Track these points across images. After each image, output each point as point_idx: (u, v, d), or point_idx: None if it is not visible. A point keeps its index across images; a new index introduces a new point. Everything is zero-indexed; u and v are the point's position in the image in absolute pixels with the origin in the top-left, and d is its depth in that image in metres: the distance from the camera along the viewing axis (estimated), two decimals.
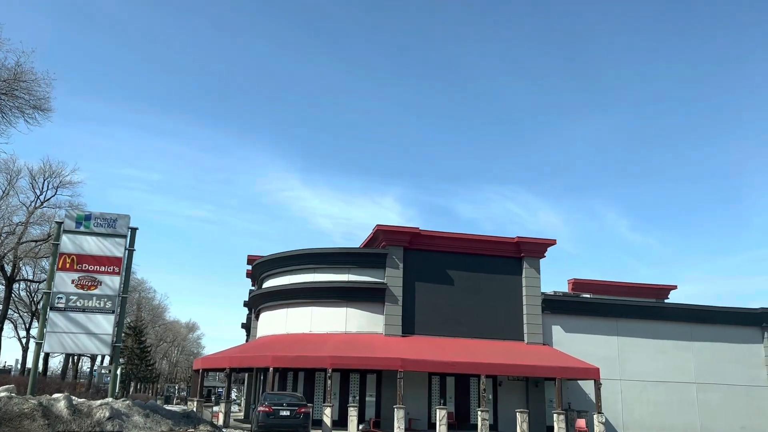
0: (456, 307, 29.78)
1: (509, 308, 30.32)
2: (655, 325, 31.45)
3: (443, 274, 30.16)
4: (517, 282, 30.72)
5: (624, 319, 31.20)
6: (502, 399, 29.14)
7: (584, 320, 30.82)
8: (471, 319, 29.77)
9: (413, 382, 27.81)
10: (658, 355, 31.17)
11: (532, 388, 29.41)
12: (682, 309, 31.71)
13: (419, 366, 25.99)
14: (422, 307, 29.49)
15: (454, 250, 30.29)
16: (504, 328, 30.01)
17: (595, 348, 30.37)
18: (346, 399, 27.92)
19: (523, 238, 30.33)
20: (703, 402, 31.03)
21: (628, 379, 30.51)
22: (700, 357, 31.57)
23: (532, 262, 30.78)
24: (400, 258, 29.58)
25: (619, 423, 29.46)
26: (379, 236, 29.91)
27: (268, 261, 32.10)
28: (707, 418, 30.79)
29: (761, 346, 32.32)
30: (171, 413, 20.76)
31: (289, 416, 20.94)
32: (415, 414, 27.75)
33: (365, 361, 25.83)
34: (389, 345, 27.57)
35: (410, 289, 29.55)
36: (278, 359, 25.98)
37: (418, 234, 29.73)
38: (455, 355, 26.94)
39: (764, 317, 32.11)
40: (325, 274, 29.91)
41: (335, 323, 29.18)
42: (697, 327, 31.83)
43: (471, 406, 28.97)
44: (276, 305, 31.20)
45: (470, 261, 30.48)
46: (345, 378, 28.44)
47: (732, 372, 31.66)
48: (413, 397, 27.83)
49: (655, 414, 30.32)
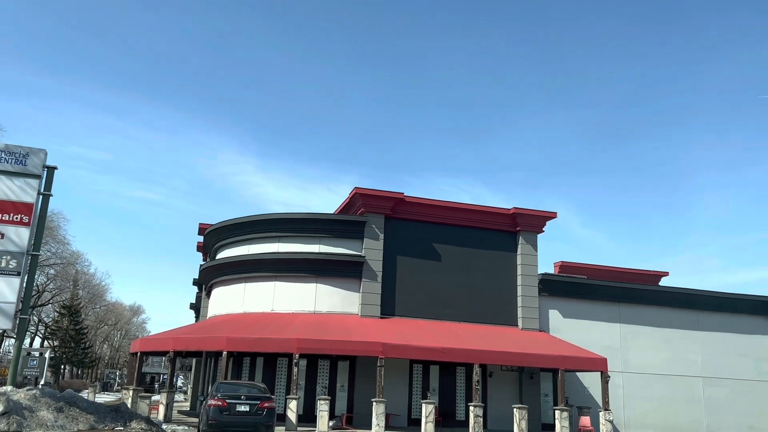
0: (442, 286, 25.86)
1: (502, 289, 26.57)
2: (660, 312, 28.27)
3: (429, 247, 26.16)
4: (512, 259, 26.98)
5: (627, 304, 27.89)
6: (493, 392, 25.41)
7: (584, 304, 27.37)
8: (459, 300, 25.90)
9: (392, 371, 23.80)
10: (663, 345, 28.01)
11: (527, 380, 25.81)
12: (689, 294, 28.61)
13: (402, 352, 21.98)
14: (404, 285, 25.44)
15: (441, 221, 26.32)
16: (496, 311, 26.26)
17: (596, 336, 26.96)
18: (314, 390, 23.72)
19: (521, 210, 26.59)
20: (709, 398, 28.06)
21: (631, 372, 27.24)
22: (706, 348, 28.57)
23: (529, 238, 27.08)
24: (380, 227, 25.42)
25: (620, 420, 26.17)
26: (357, 201, 25.67)
27: (223, 228, 27.44)
28: (713, 416, 27.85)
29: None
30: (94, 406, 16.17)
31: (248, 412, 16.59)
32: (394, 408, 23.77)
33: (339, 345, 21.64)
34: (366, 328, 23.45)
35: (391, 263, 25.45)
36: (234, 342, 21.53)
37: (402, 200, 25.62)
38: (442, 340, 23.03)
39: None
40: (292, 244, 25.50)
41: (303, 301, 24.86)
42: (703, 315, 28.80)
43: (457, 400, 25.16)
44: (232, 279, 26.63)
45: (460, 234, 26.57)
46: (313, 365, 24.20)
47: (740, 365, 28.79)
48: (392, 388, 23.83)
49: (659, 411, 27.16)
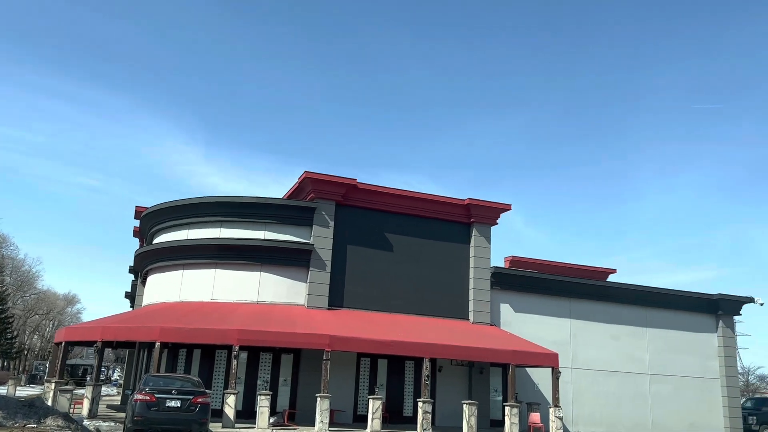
0: (394, 278, 24.87)
1: (454, 282, 25.80)
2: (610, 308, 28.11)
3: (381, 237, 25.12)
4: (465, 251, 26.23)
5: (577, 299, 27.59)
6: (442, 387, 24.62)
7: (536, 299, 26.90)
8: (411, 293, 24.97)
9: (338, 365, 22.68)
10: (612, 341, 27.85)
11: (476, 375, 25.13)
12: (638, 291, 28.56)
13: (350, 345, 20.86)
14: (354, 275, 24.32)
15: (395, 210, 25.31)
16: (447, 304, 25.47)
17: (547, 331, 26.55)
18: (255, 384, 22.34)
19: (475, 201, 25.85)
20: (655, 395, 28.10)
21: (580, 368, 26.96)
22: (653, 345, 28.61)
23: (483, 230, 26.39)
24: (331, 214, 24.20)
25: (568, 417, 25.81)
26: (307, 186, 24.36)
27: (161, 211, 25.64)
28: (658, 413, 27.90)
29: (715, 335, 29.89)
30: (4, 401, 14.48)
31: (179, 408, 15.16)
32: (340, 404, 22.66)
33: (283, 337, 20.33)
34: (313, 319, 22.22)
35: (341, 253, 24.28)
36: (168, 332, 19.94)
37: (355, 187, 24.46)
38: (392, 333, 22.04)
39: (720, 305, 29.66)
40: (235, 230, 24.00)
41: (245, 291, 23.42)
42: (651, 312, 28.83)
43: (405, 395, 24.25)
44: (169, 266, 24.89)
45: (413, 224, 25.63)
46: (254, 358, 22.81)
47: (685, 362, 28.98)
48: (338, 383, 22.71)
49: (606, 407, 26.99)
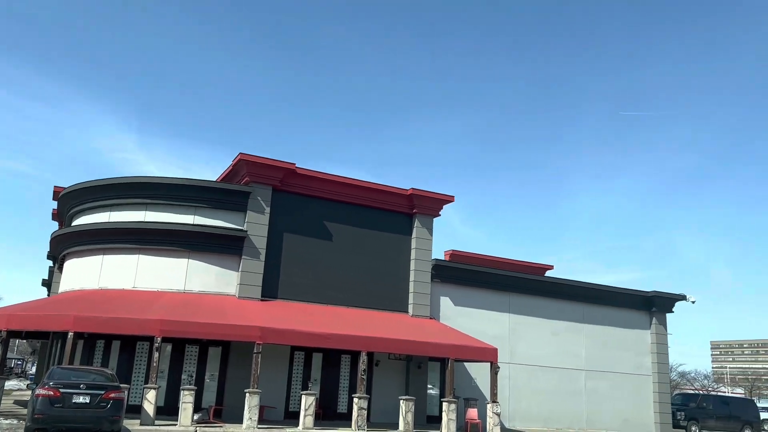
0: (332, 268, 23.81)
1: (395, 273, 24.98)
2: (548, 303, 27.99)
3: (320, 226, 24.00)
4: (406, 243, 25.46)
5: (517, 294, 27.31)
6: (379, 382, 23.78)
7: (476, 293, 26.42)
8: (349, 284, 23.99)
9: (271, 359, 21.49)
10: (550, 337, 27.74)
11: (414, 369, 24.42)
12: (577, 287, 28.58)
13: (283, 338, 19.70)
14: (290, 264, 23.12)
15: (335, 198, 24.24)
16: (387, 296, 24.63)
17: (487, 325, 26.12)
18: (179, 379, 20.84)
19: (418, 191, 25.10)
20: (590, 391, 28.19)
21: (518, 363, 26.68)
22: (590, 341, 28.70)
23: (425, 221, 25.68)
24: (267, 200, 22.89)
25: (505, 413, 25.48)
26: (242, 169, 22.96)
27: (81, 191, 23.66)
28: (593, 409, 28.00)
29: (648, 332, 30.30)
30: None
31: (88, 404, 13.67)
32: (270, 400, 21.46)
33: (211, 328, 18.95)
34: (244, 310, 20.92)
35: (277, 241, 23.03)
36: (83, 321, 18.24)
37: (294, 172, 23.24)
38: (328, 326, 21.00)
39: (654, 302, 30.08)
40: (162, 213, 22.35)
41: (171, 279, 21.84)
42: (589, 308, 28.91)
43: (340, 391, 23.27)
44: (88, 251, 22.98)
45: (353, 213, 24.64)
46: (179, 351, 21.29)
47: (619, 359, 29.23)
48: (269, 378, 21.50)
49: (543, 403, 26.83)
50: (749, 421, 33.56)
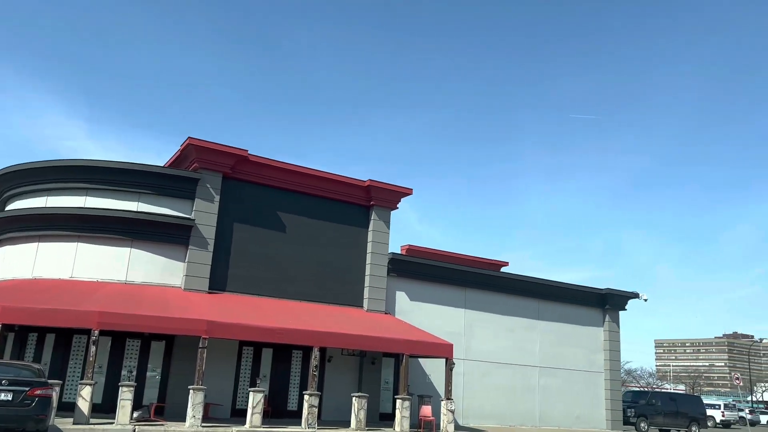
0: (285, 261, 22.94)
1: (350, 267, 24.28)
2: (504, 299, 27.77)
3: (273, 216, 23.08)
4: (363, 236, 24.78)
5: (473, 289, 26.98)
6: (331, 379, 23.04)
7: (432, 288, 25.95)
8: (303, 277, 23.17)
9: (218, 354, 20.53)
10: (505, 333, 27.53)
11: (368, 365, 23.78)
12: (533, 283, 28.45)
13: (231, 332, 18.72)
14: (241, 256, 22.15)
15: (289, 188, 23.36)
16: (341, 290, 23.92)
17: (443, 321, 25.70)
18: (118, 375, 19.63)
19: (376, 183, 24.45)
20: (544, 387, 28.11)
21: (473, 360, 26.36)
22: (544, 337, 28.63)
23: (382, 214, 25.05)
24: (217, 188, 21.85)
25: (459, 410, 25.10)
26: (191, 155, 21.84)
27: (16, 174, 22.11)
28: (546, 406, 27.93)
29: (601, 329, 30.45)
30: None
31: (11, 402, 12.48)
32: (217, 397, 20.47)
33: (153, 321, 17.83)
34: (190, 303, 19.86)
35: (226, 231, 22.02)
36: (13, 312, 16.87)
37: (246, 159, 22.26)
38: (279, 320, 20.14)
39: (607, 299, 30.25)
40: (104, 199, 21.08)
41: (112, 269, 20.59)
42: (544, 304, 28.84)
43: (291, 388, 22.44)
44: (21, 237, 21.46)
45: (308, 203, 23.81)
46: (119, 345, 20.07)
47: (573, 356, 29.27)
48: (215, 374, 20.54)
49: (497, 400, 26.59)
50: (695, 417, 34.26)
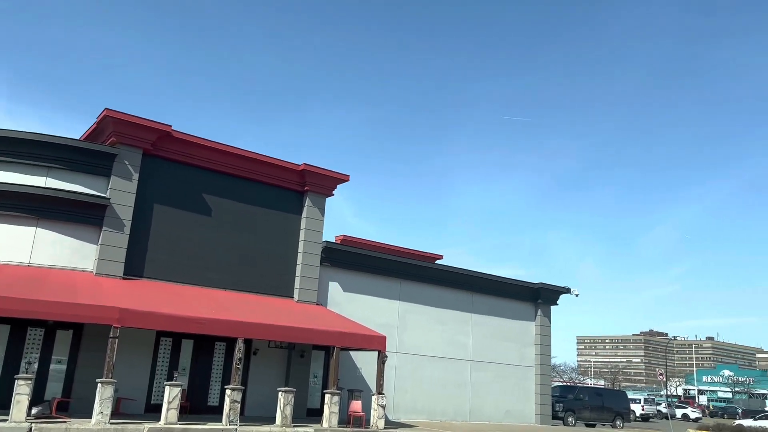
0: (211, 246, 21.50)
1: (281, 255, 23.08)
2: (439, 292, 27.27)
3: (198, 198, 21.58)
4: (295, 223, 23.62)
5: (408, 281, 26.32)
6: (257, 372, 21.81)
7: (366, 278, 25.10)
8: (229, 265, 21.80)
9: (132, 345, 18.96)
10: (438, 326, 27.03)
11: (296, 358, 22.66)
12: (468, 276, 28.08)
13: (147, 321, 17.20)
14: (161, 240, 20.55)
15: (217, 168, 21.92)
16: (271, 279, 22.70)
17: (376, 313, 24.92)
18: (16, 366, 17.73)
19: (311, 167, 23.32)
20: (475, 382, 27.81)
21: (406, 353, 25.71)
22: (477, 331, 28.33)
23: (317, 200, 23.96)
24: (136, 165, 20.15)
25: (390, 405, 24.38)
26: (108, 128, 20.05)
27: None
28: (477, 400, 27.64)
29: (533, 323, 30.47)
30: None
31: None
32: (130, 391, 18.91)
33: (59, 308, 16.08)
34: (101, 288, 18.16)
35: (145, 212, 20.37)
36: None
37: (169, 135, 20.66)
38: (202, 309, 18.75)
39: (540, 293, 30.29)
40: (7, 173, 18.99)
41: (14, 249, 18.59)
42: (477, 297, 28.54)
43: (212, 382, 21.05)
44: None
45: (238, 186, 22.44)
46: (19, 334, 18.13)
47: (504, 350, 29.13)
48: (129, 367, 18.97)
49: (428, 395, 26.04)
50: (620, 411, 35.07)
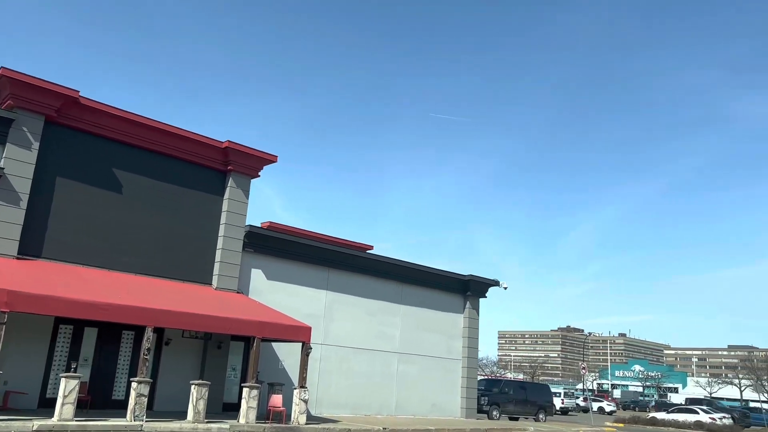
0: (120, 227, 19.64)
1: (199, 239, 21.46)
2: (368, 282, 26.34)
3: (108, 173, 19.67)
4: (216, 204, 22.04)
5: (337, 270, 25.24)
6: (168, 364, 20.17)
7: (293, 266, 23.83)
8: (140, 247, 20.01)
9: (25, 333, 17.01)
10: (366, 317, 26.11)
11: (213, 350, 21.14)
12: (397, 265, 27.27)
13: (43, 306, 15.30)
14: (64, 218, 18.54)
15: (131, 141, 20.05)
16: (188, 264, 21.05)
17: (302, 303, 23.71)
18: None
19: (236, 145, 21.80)
20: (402, 374, 27.09)
21: (331, 345, 24.65)
22: (405, 322, 27.62)
23: (241, 181, 22.46)
24: (36, 133, 18.05)
25: (314, 398, 23.29)
26: (4, 88, 17.82)
27: None
28: (404, 394, 26.94)
29: (461, 316, 30.09)
30: None
31: None
32: (22, 383, 16.94)
33: None
34: None
35: (47, 186, 18.31)
36: None
37: (76, 102, 18.64)
38: (109, 295, 16.98)
39: (470, 285, 29.93)
40: None
41: None
42: (407, 288, 27.82)
43: (118, 374, 19.27)
44: None
45: (153, 162, 20.64)
46: None
47: (432, 342, 28.57)
48: (21, 356, 17.00)
49: (354, 388, 25.10)
50: (543, 405, 35.41)
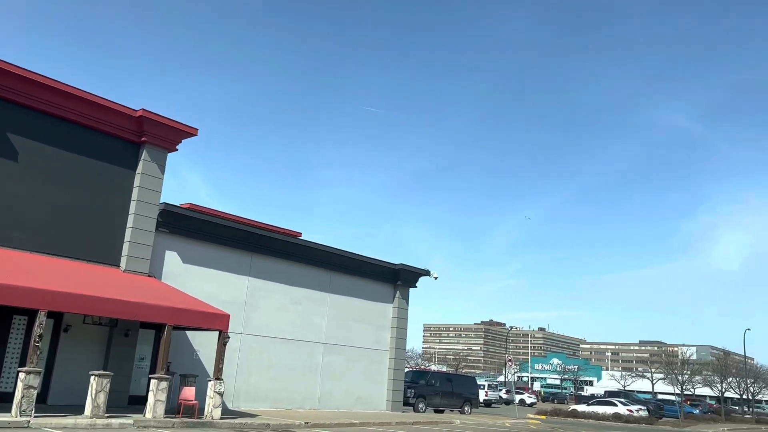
0: (14, 199, 17.45)
1: (106, 216, 19.46)
2: (294, 269, 24.96)
3: (2, 138, 17.40)
4: (128, 179, 20.06)
5: (261, 255, 23.73)
6: (67, 353, 18.15)
7: (212, 250, 22.15)
8: (37, 223, 17.87)
9: None
10: (291, 305, 24.75)
11: (119, 338, 19.24)
12: (327, 252, 26.02)
13: None
14: None
15: (31, 104, 17.84)
16: (92, 243, 19.04)
17: (222, 289, 22.10)
18: None
19: (151, 114, 19.87)
20: (327, 366, 25.90)
21: (251, 334, 23.15)
22: (332, 312, 26.43)
23: (156, 155, 20.54)
24: None
25: (231, 391, 21.76)
26: None
27: None
28: (328, 386, 25.77)
29: (391, 306, 29.20)
30: None
31: None
32: None
33: None
34: None
35: None
36: None
37: None
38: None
39: (400, 275, 29.05)
40: None
41: None
42: (335, 276, 26.63)
43: (6, 363, 17.14)
44: None
45: (57, 129, 18.48)
46: None
47: (360, 332, 27.53)
48: None
49: (275, 381, 23.71)
50: (469, 397, 35.21)
